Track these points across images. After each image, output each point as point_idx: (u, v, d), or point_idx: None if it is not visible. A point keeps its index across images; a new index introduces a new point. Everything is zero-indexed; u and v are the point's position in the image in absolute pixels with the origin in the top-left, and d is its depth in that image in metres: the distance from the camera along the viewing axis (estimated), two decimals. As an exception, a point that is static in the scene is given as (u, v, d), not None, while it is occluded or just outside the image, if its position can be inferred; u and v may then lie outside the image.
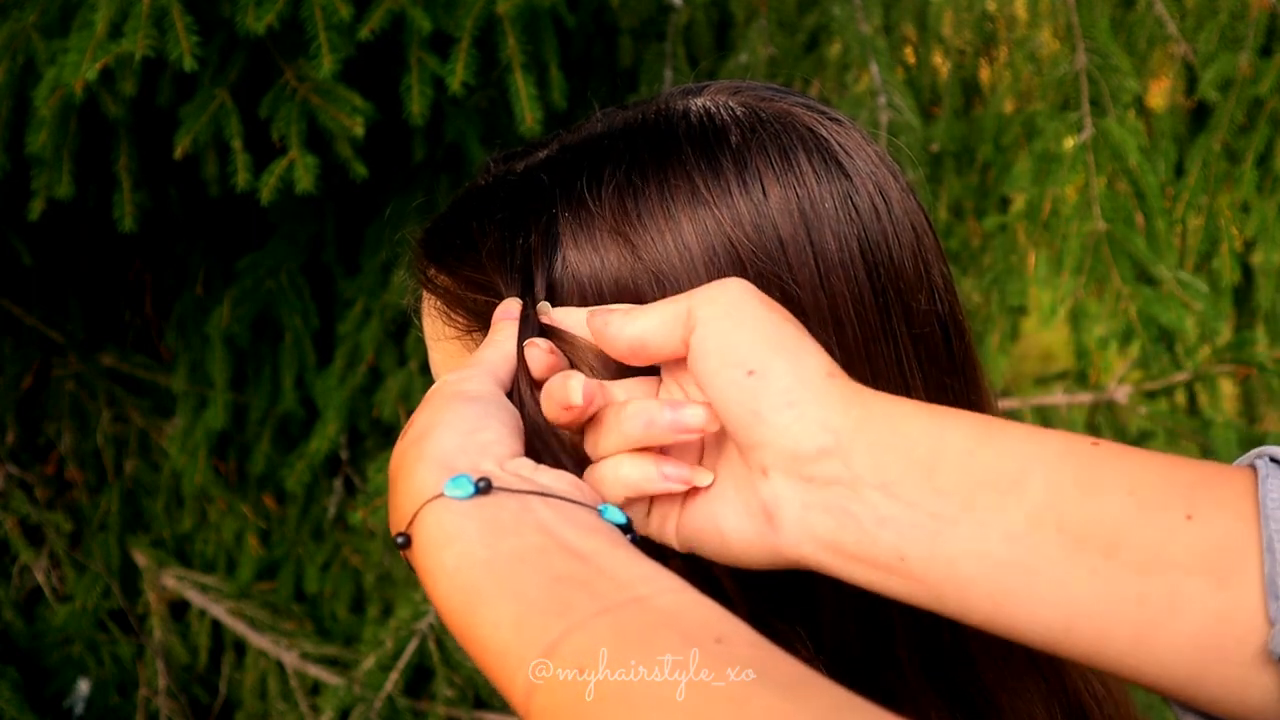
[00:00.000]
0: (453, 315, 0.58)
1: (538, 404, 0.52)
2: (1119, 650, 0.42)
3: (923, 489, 0.44)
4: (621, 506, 0.50)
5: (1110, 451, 0.44)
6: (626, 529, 0.48)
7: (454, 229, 0.60)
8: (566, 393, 0.50)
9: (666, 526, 0.51)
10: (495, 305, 0.56)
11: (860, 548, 0.45)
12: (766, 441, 0.46)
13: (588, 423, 0.52)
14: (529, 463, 0.48)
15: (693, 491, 0.51)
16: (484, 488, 0.44)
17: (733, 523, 0.49)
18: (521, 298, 0.54)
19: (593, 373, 0.53)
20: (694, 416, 0.48)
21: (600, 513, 0.47)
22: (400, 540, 0.45)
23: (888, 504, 0.44)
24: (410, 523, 0.45)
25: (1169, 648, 0.41)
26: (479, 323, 0.57)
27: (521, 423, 0.51)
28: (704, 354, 0.48)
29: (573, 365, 0.54)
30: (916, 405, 0.47)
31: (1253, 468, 0.42)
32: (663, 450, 0.51)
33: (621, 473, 0.50)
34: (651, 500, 0.52)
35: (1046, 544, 0.42)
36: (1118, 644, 0.42)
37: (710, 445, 0.52)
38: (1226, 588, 0.40)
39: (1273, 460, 0.42)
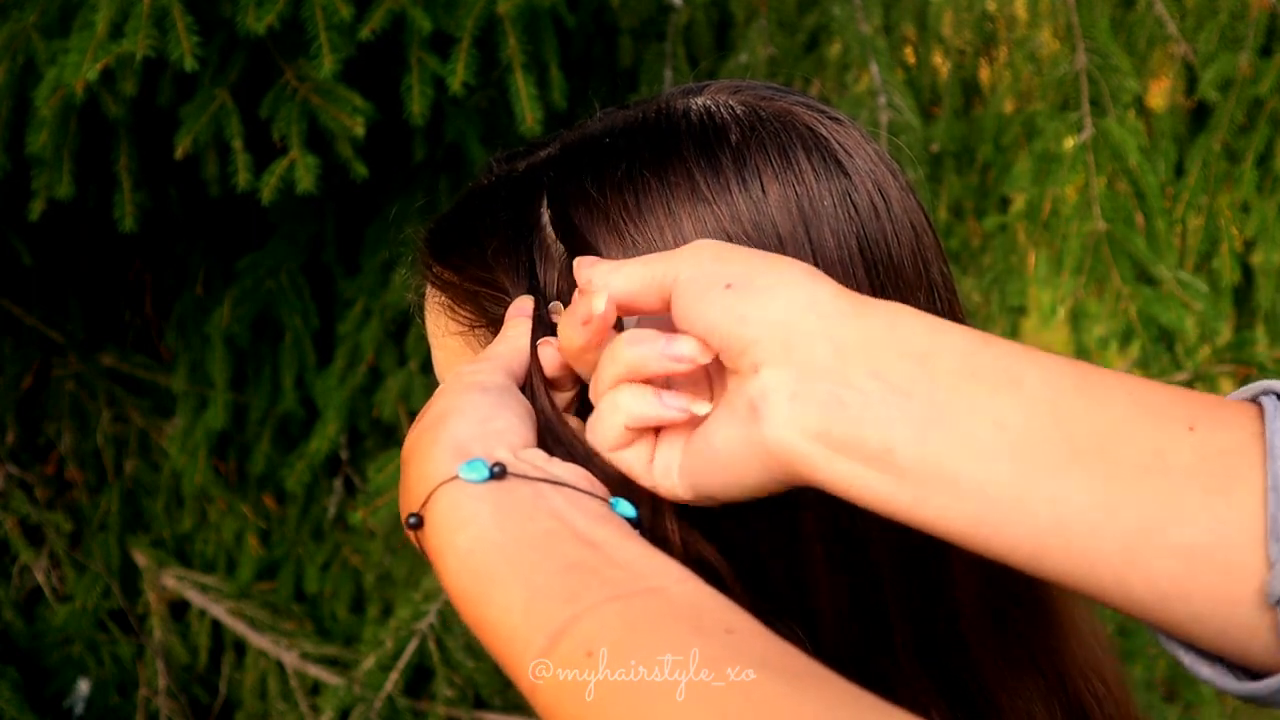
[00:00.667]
0: (457, 311, 0.59)
1: (550, 398, 0.52)
2: (1108, 564, 0.40)
3: (915, 376, 0.43)
4: (623, 447, 0.50)
5: (1112, 371, 0.43)
6: (636, 523, 0.48)
7: (459, 228, 0.60)
8: (589, 304, 0.49)
9: (671, 470, 0.50)
10: (501, 302, 0.56)
11: (847, 436, 0.43)
12: (755, 337, 0.45)
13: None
14: (541, 453, 0.49)
15: (693, 427, 0.50)
16: (499, 473, 0.45)
17: (723, 435, 0.47)
18: (531, 295, 0.55)
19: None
20: (685, 345, 0.47)
21: (611, 505, 0.47)
22: (412, 521, 0.46)
23: (878, 390, 0.43)
24: (423, 504, 0.45)
25: (1160, 561, 0.39)
26: (484, 319, 0.58)
27: (535, 415, 0.51)
28: (683, 293, 0.48)
29: None
30: (913, 310, 0.45)
31: (1257, 403, 0.41)
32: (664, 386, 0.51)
33: (621, 401, 0.49)
34: (655, 444, 0.51)
35: (1040, 438, 0.41)
36: (1107, 555, 0.40)
37: (711, 383, 0.51)
38: (1226, 503, 0.38)
39: (1278, 396, 0.41)
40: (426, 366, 1.76)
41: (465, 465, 0.45)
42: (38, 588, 2.00)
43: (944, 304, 0.58)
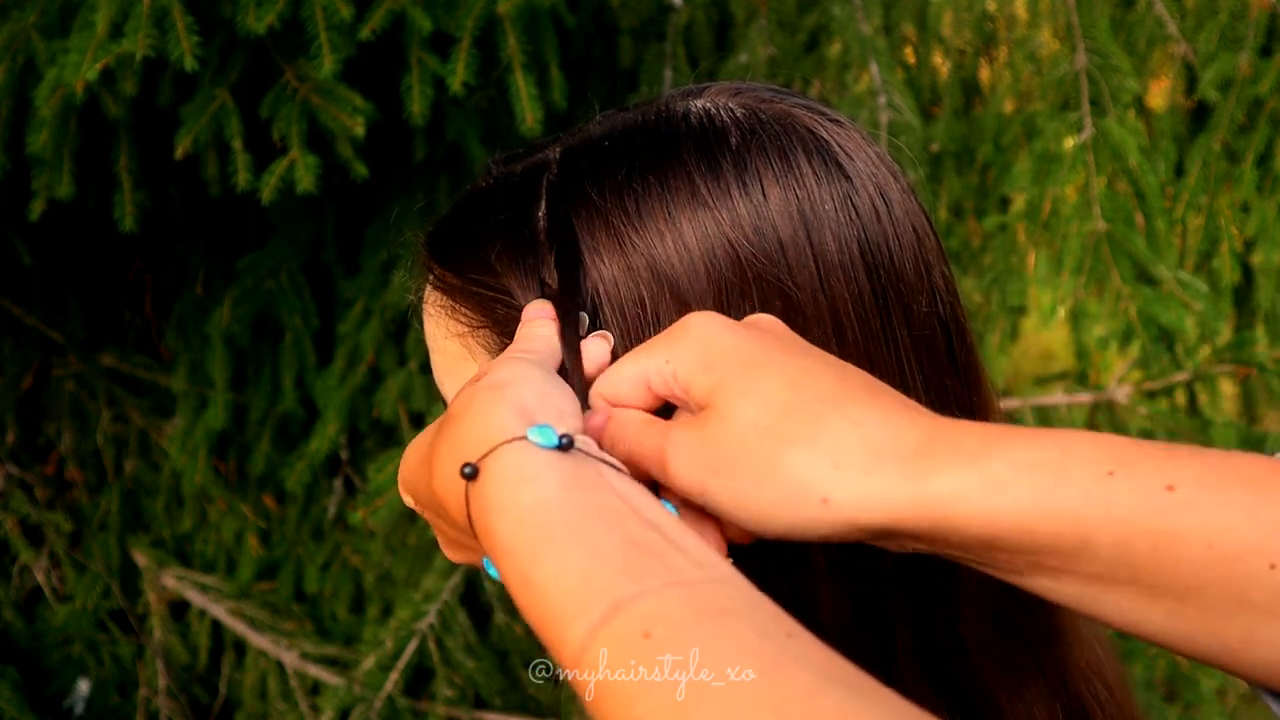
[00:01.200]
0: (458, 311, 0.59)
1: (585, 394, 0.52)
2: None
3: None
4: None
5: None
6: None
7: (459, 230, 0.60)
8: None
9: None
10: (504, 304, 0.56)
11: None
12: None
13: None
14: (593, 442, 0.48)
15: None
16: (566, 444, 0.44)
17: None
18: (545, 298, 0.55)
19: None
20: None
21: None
22: (468, 471, 0.44)
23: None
24: (484, 456, 0.44)
25: (1182, 550, 0.40)
26: (486, 320, 0.58)
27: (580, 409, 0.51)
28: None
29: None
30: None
31: None
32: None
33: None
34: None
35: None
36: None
37: None
38: (1253, 521, 0.39)
39: None
40: (426, 367, 1.76)
41: (535, 429, 0.44)
42: (38, 588, 2.00)
43: (945, 307, 0.58)
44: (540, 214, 0.57)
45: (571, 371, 0.52)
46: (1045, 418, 1.74)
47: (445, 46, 1.39)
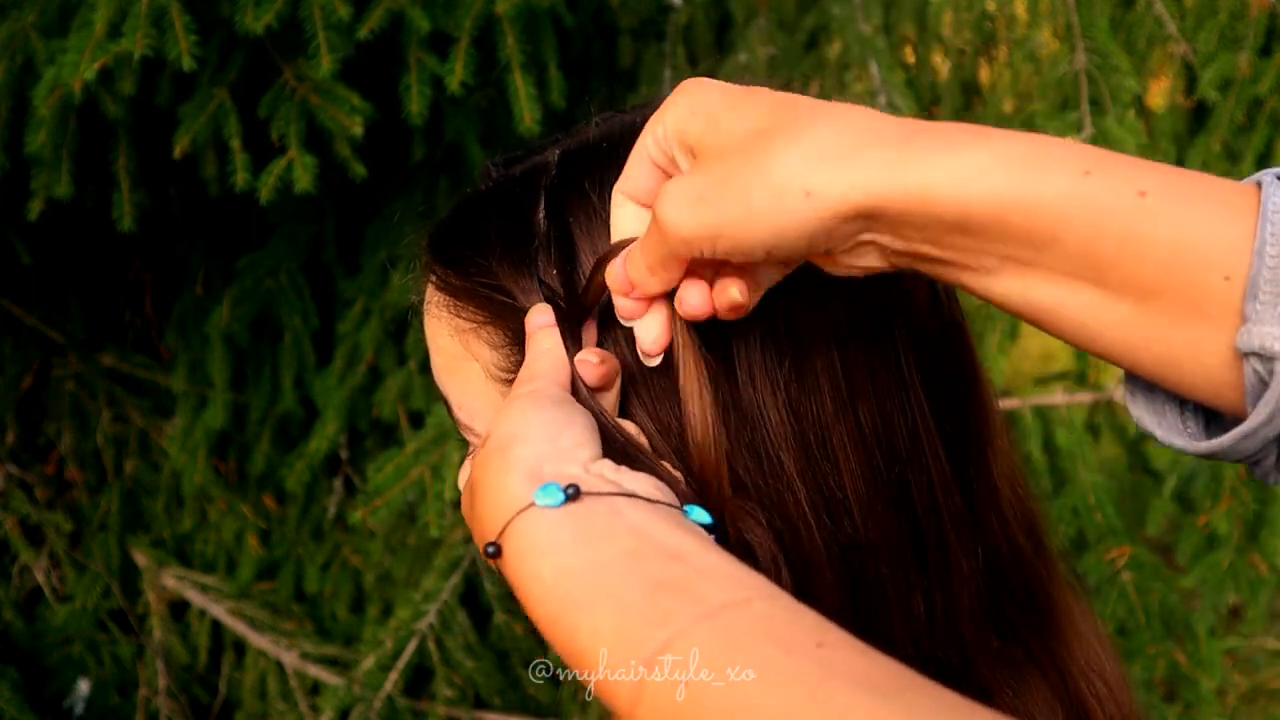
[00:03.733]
0: (462, 309, 0.59)
1: (600, 406, 0.53)
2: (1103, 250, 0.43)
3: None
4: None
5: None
6: (711, 529, 0.48)
7: (460, 231, 0.60)
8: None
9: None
10: (506, 304, 0.57)
11: None
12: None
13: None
14: (610, 464, 0.48)
15: None
16: (573, 494, 0.45)
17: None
18: (549, 302, 0.55)
19: (642, 361, 0.54)
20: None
21: (685, 513, 0.47)
22: (490, 550, 0.45)
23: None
24: (500, 533, 0.45)
25: (1148, 251, 0.42)
26: (490, 318, 0.58)
27: (596, 424, 0.51)
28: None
29: (623, 364, 0.55)
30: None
31: (1258, 183, 0.43)
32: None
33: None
34: None
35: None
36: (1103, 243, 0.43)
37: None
38: (1214, 236, 0.41)
39: (1278, 178, 0.43)
40: (426, 366, 1.75)
41: (540, 490, 0.45)
42: (38, 588, 2.00)
43: (945, 306, 0.59)
44: (540, 216, 0.57)
45: (579, 382, 0.53)
46: (1045, 417, 1.74)
47: (444, 46, 1.39)
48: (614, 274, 0.52)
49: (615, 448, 0.51)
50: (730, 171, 0.47)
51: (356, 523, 1.59)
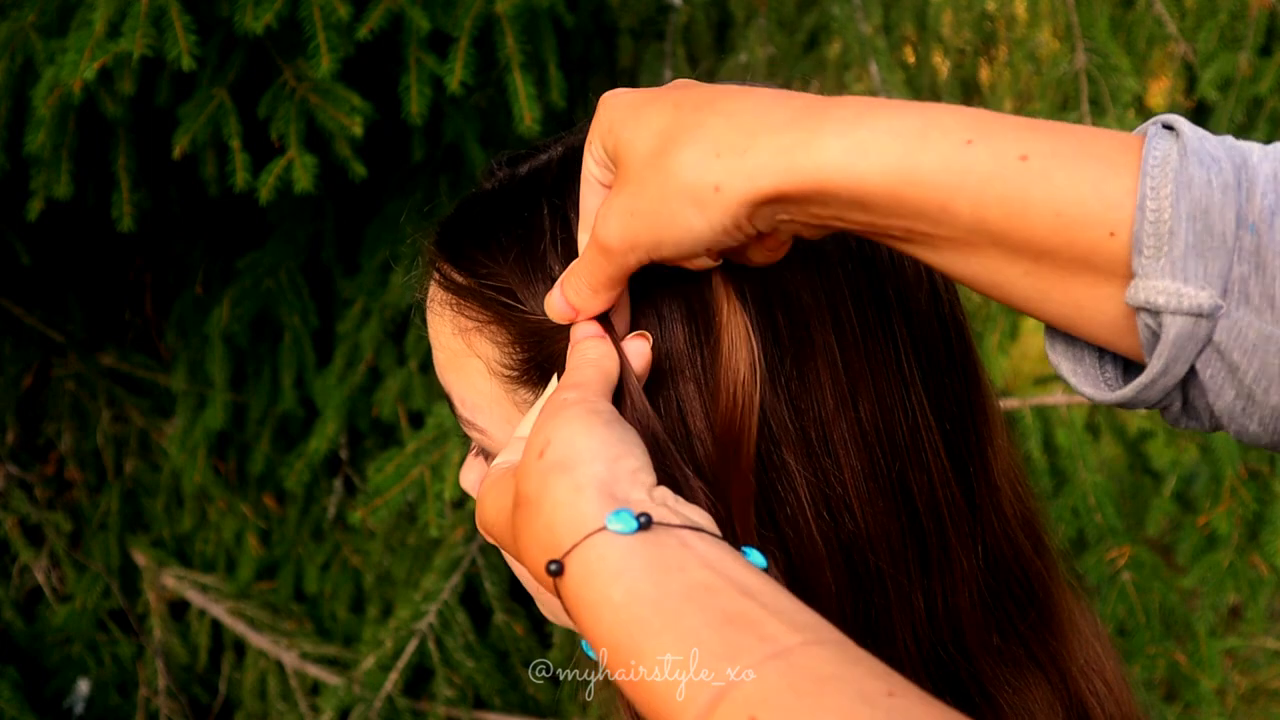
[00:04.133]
0: (465, 308, 0.59)
1: (659, 423, 0.53)
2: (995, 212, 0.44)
3: None
4: None
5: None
6: (765, 570, 0.47)
7: (464, 230, 0.61)
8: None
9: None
10: (510, 302, 0.57)
11: None
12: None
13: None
14: (669, 492, 0.48)
15: None
16: (645, 523, 0.44)
17: None
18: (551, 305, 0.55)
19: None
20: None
21: (744, 553, 0.47)
22: (554, 568, 0.45)
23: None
24: (567, 553, 0.44)
25: (1032, 213, 0.43)
26: (493, 317, 0.58)
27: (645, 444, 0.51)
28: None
29: None
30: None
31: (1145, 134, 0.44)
32: None
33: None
34: None
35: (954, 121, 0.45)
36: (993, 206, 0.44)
37: None
38: (1098, 193, 0.42)
39: (1165, 126, 0.44)
40: (426, 366, 1.76)
41: (613, 516, 0.44)
42: (38, 588, 2.00)
43: (944, 305, 0.59)
44: (544, 213, 0.57)
45: (634, 394, 0.53)
46: (1045, 418, 1.74)
47: (443, 46, 1.39)
48: (554, 306, 0.53)
49: (660, 460, 0.51)
50: (646, 181, 0.48)
51: (356, 523, 1.59)
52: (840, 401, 0.54)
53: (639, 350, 0.53)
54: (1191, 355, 0.42)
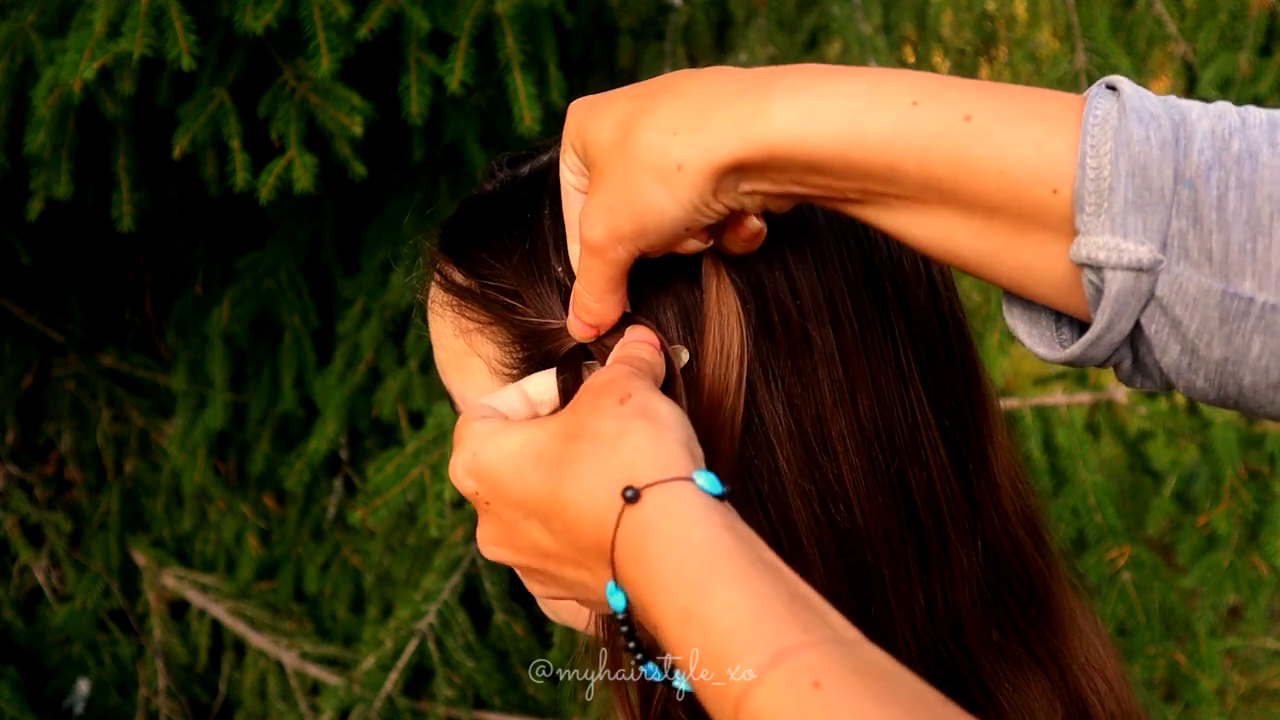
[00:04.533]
0: (466, 308, 0.59)
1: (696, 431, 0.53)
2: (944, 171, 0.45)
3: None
4: None
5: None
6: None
7: (466, 231, 0.61)
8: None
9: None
10: (512, 302, 0.57)
11: None
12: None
13: None
14: None
15: None
16: (728, 494, 0.46)
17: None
18: (562, 307, 0.56)
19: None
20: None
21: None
22: (630, 494, 0.45)
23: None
24: (651, 484, 0.45)
25: (977, 171, 0.44)
26: (494, 318, 0.58)
27: None
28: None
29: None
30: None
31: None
32: None
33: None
34: None
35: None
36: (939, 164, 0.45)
37: None
38: (1040, 152, 0.43)
39: (1109, 87, 0.45)
40: (426, 366, 1.76)
41: (703, 473, 0.45)
42: (38, 588, 2.00)
43: (944, 302, 0.59)
44: (545, 214, 0.58)
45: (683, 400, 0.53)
46: (1045, 417, 1.74)
47: (443, 46, 1.39)
48: (574, 329, 0.54)
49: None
50: (613, 172, 0.49)
51: (356, 523, 1.59)
52: (839, 398, 0.54)
53: (681, 357, 0.54)
54: (1135, 311, 0.43)
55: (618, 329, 0.54)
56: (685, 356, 0.54)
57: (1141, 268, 0.42)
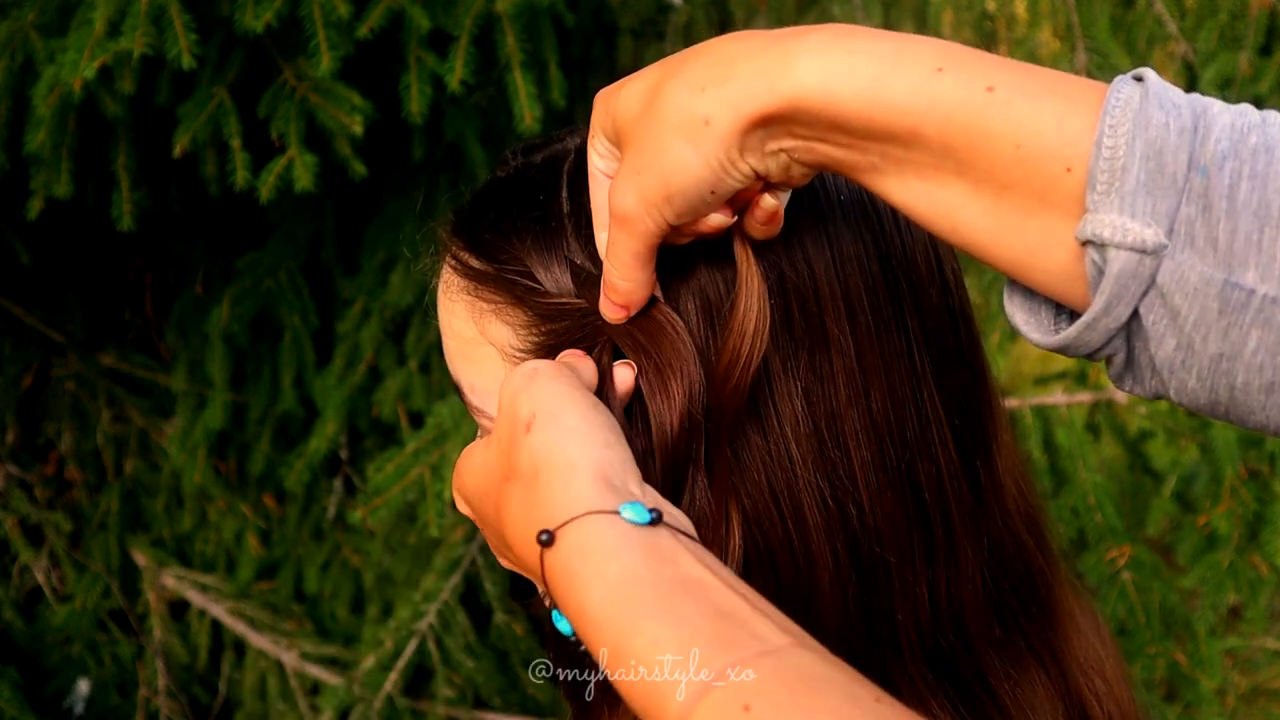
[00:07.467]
0: (481, 290, 0.60)
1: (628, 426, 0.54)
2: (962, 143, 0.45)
3: None
4: None
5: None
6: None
7: (482, 217, 0.61)
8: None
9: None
10: (528, 285, 0.58)
11: None
12: None
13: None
14: (653, 491, 0.50)
15: None
16: (656, 519, 0.46)
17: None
18: (577, 281, 0.56)
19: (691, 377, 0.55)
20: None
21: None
22: (544, 538, 0.46)
23: None
24: (561, 526, 0.45)
25: (994, 144, 0.44)
26: (509, 299, 0.59)
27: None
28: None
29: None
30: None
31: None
32: None
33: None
34: None
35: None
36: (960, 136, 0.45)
37: None
38: (1058, 129, 0.43)
39: (1135, 78, 0.45)
40: (426, 366, 1.76)
41: (629, 505, 0.45)
42: (38, 588, 1.99)
43: (955, 300, 0.59)
44: (561, 196, 0.58)
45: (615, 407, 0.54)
46: (1045, 417, 1.74)
47: (444, 45, 1.39)
48: (605, 310, 0.54)
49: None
50: (642, 135, 0.50)
51: (356, 523, 1.59)
52: (853, 394, 0.55)
53: (622, 376, 0.54)
54: (1135, 296, 0.43)
55: (645, 312, 0.55)
56: (628, 375, 0.54)
57: (1145, 249, 0.42)
